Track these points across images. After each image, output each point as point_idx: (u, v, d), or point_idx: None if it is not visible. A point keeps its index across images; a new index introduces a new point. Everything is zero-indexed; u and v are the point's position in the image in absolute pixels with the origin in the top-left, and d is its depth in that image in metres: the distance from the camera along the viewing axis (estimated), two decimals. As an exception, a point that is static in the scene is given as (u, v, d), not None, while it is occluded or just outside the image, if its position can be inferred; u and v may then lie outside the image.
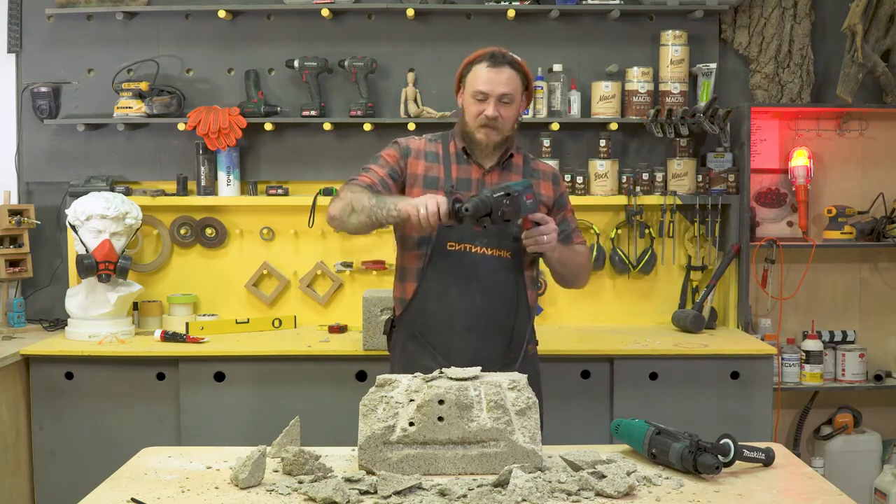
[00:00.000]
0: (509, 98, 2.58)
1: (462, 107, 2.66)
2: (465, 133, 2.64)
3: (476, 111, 2.59)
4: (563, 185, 2.80)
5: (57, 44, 3.95)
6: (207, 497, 1.84)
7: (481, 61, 2.59)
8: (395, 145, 2.69)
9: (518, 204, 2.42)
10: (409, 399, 1.99)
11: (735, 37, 4.00)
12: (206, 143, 3.82)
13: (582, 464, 1.94)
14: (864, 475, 3.95)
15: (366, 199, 2.48)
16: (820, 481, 1.97)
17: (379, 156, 2.67)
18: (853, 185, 4.08)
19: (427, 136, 2.73)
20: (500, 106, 2.57)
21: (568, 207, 2.78)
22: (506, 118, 2.59)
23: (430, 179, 2.62)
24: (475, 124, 2.59)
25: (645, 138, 3.97)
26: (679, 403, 3.42)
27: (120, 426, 3.39)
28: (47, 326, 3.86)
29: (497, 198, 2.38)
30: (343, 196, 2.54)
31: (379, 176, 2.61)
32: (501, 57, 2.59)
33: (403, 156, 2.66)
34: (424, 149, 2.67)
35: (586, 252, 2.82)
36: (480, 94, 2.57)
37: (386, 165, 2.64)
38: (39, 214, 3.92)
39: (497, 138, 2.61)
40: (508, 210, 2.40)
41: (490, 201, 2.37)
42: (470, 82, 2.61)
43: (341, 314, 3.95)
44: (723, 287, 3.94)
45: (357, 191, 2.54)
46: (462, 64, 2.66)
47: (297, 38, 3.94)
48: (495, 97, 2.56)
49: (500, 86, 2.57)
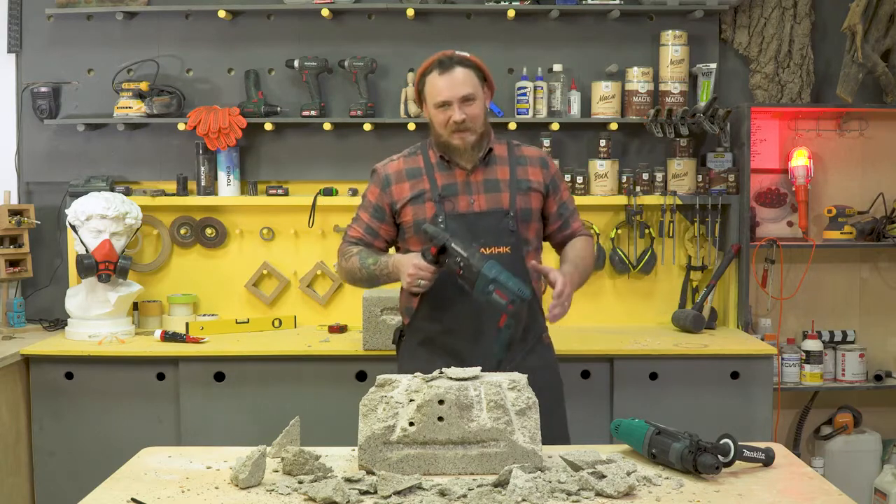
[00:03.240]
0: (471, 96, 2.57)
1: (430, 119, 2.65)
2: (441, 143, 2.63)
3: (443, 119, 2.58)
4: (553, 166, 2.74)
5: (57, 44, 3.95)
6: (207, 497, 1.84)
7: (432, 71, 2.59)
8: (374, 177, 2.70)
9: (473, 278, 2.41)
10: (409, 399, 1.99)
11: (735, 37, 4.00)
12: (206, 143, 3.82)
13: (582, 464, 1.94)
14: (864, 475, 3.95)
15: (357, 267, 2.64)
16: (820, 481, 1.97)
17: (364, 195, 2.73)
18: (853, 185, 4.08)
19: (404, 153, 2.72)
20: (464, 107, 2.56)
21: (562, 188, 2.75)
22: (473, 116, 2.57)
23: (417, 193, 2.62)
24: (447, 132, 2.58)
25: (645, 138, 3.97)
26: (679, 403, 3.42)
27: (120, 426, 3.39)
28: (47, 326, 3.86)
29: (452, 248, 2.43)
30: (342, 263, 2.71)
31: (364, 223, 2.70)
32: (449, 61, 2.58)
33: (384, 188, 2.66)
34: (404, 167, 2.66)
35: (589, 245, 2.77)
36: (441, 103, 2.57)
37: (369, 207, 2.69)
38: (39, 214, 3.92)
39: (472, 138, 2.59)
40: (461, 273, 2.42)
41: (441, 244, 2.43)
42: (429, 95, 2.61)
43: (341, 314, 3.95)
44: (723, 287, 3.94)
45: (349, 256, 2.67)
46: (415, 78, 2.66)
47: (297, 38, 3.94)
48: (457, 101, 2.55)
49: (457, 88, 2.56)
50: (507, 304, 2.38)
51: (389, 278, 2.60)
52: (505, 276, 2.40)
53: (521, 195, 2.62)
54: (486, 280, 2.38)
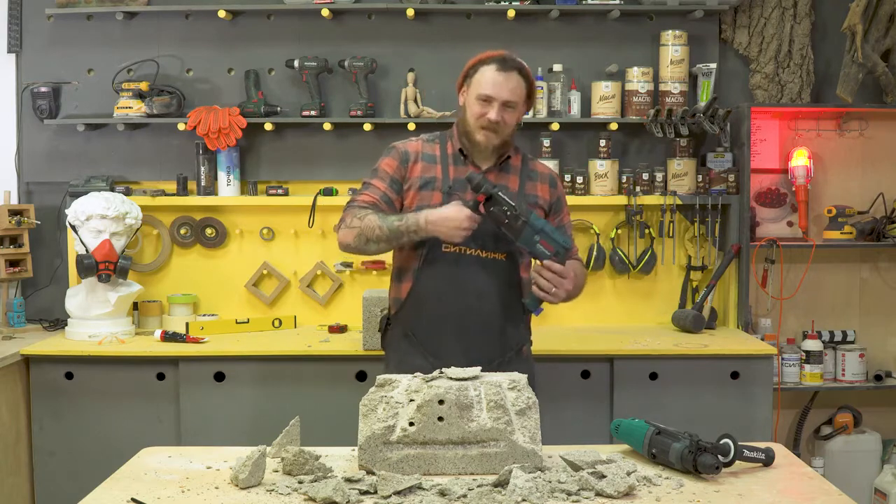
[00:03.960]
0: (513, 105, 2.58)
1: (464, 105, 2.64)
2: (465, 132, 2.63)
3: (479, 112, 2.57)
4: (560, 187, 2.77)
5: (57, 44, 3.95)
6: (207, 497, 1.84)
7: (490, 63, 2.58)
8: (393, 151, 2.67)
9: (520, 228, 2.43)
10: (409, 399, 1.99)
11: (735, 37, 4.00)
12: (206, 143, 3.82)
13: (582, 464, 1.94)
14: (864, 475, 3.95)
15: (376, 224, 2.51)
16: (820, 481, 1.97)
17: (377, 167, 2.66)
18: (853, 185, 4.08)
19: (424, 137, 2.71)
20: (503, 111, 2.56)
21: (564, 211, 2.77)
22: (507, 123, 2.58)
23: (427, 180, 2.61)
24: (476, 125, 2.58)
25: (645, 138, 3.97)
26: (679, 403, 3.42)
27: (120, 426, 3.39)
28: (47, 326, 3.86)
29: (500, 197, 2.43)
30: (351, 223, 2.56)
31: (380, 191, 2.61)
32: (511, 62, 2.58)
33: (403, 162, 2.64)
34: (421, 150, 2.66)
35: (582, 270, 2.74)
36: (485, 97, 2.56)
37: (386, 177, 2.63)
38: (39, 214, 3.92)
39: (496, 142, 2.60)
40: (507, 222, 2.43)
41: (492, 193, 2.42)
42: (476, 83, 2.59)
43: (341, 314, 3.95)
44: (723, 287, 3.94)
45: (364, 215, 2.55)
46: (469, 62, 2.65)
47: (297, 38, 3.94)
48: (500, 102, 2.56)
49: (506, 91, 2.56)
50: (552, 255, 2.45)
51: (418, 234, 2.51)
52: (550, 227, 2.46)
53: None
54: (534, 229, 2.44)
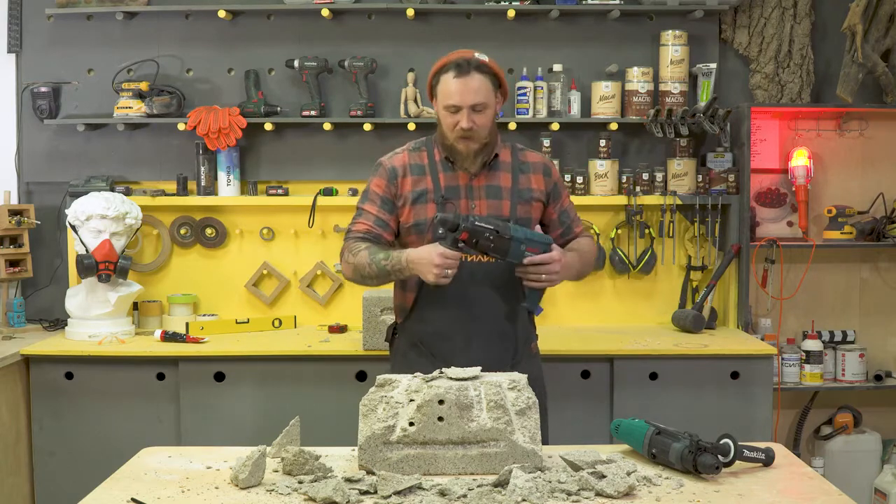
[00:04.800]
0: (482, 106, 2.52)
1: (438, 117, 2.61)
2: (445, 145, 2.60)
3: (451, 123, 2.54)
4: (555, 173, 2.71)
5: (57, 44, 3.95)
6: (207, 497, 1.84)
7: (448, 71, 2.53)
8: (380, 169, 2.64)
9: (506, 246, 2.43)
10: (409, 399, 1.99)
11: (735, 37, 4.00)
12: (206, 143, 3.82)
13: (582, 464, 1.94)
14: (864, 475, 3.95)
15: (366, 262, 2.52)
16: (820, 481, 1.97)
17: (367, 189, 2.64)
18: (853, 185, 4.08)
19: (410, 146, 2.68)
20: (473, 115, 2.51)
21: (564, 195, 2.72)
22: (481, 125, 2.53)
23: (419, 194, 2.58)
24: (452, 136, 2.55)
25: (645, 138, 3.97)
26: (679, 403, 3.42)
27: (120, 426, 3.39)
28: (47, 326, 3.86)
29: (478, 227, 2.40)
30: (347, 258, 2.59)
31: (373, 216, 2.60)
32: (467, 64, 2.52)
33: (392, 179, 2.61)
34: (409, 162, 2.63)
35: (590, 245, 2.76)
36: (451, 107, 2.53)
37: (377, 199, 2.61)
38: (39, 214, 3.92)
39: (476, 146, 2.56)
40: (493, 246, 2.42)
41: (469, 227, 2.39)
42: (440, 94, 2.55)
43: (341, 314, 3.95)
44: (723, 287, 3.94)
45: (357, 251, 2.55)
46: (431, 73, 2.60)
47: (297, 38, 3.94)
48: (467, 108, 2.51)
49: (469, 96, 2.51)
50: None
51: (402, 274, 2.51)
52: (528, 232, 2.49)
53: (521, 204, 2.61)
54: (519, 241, 2.46)
